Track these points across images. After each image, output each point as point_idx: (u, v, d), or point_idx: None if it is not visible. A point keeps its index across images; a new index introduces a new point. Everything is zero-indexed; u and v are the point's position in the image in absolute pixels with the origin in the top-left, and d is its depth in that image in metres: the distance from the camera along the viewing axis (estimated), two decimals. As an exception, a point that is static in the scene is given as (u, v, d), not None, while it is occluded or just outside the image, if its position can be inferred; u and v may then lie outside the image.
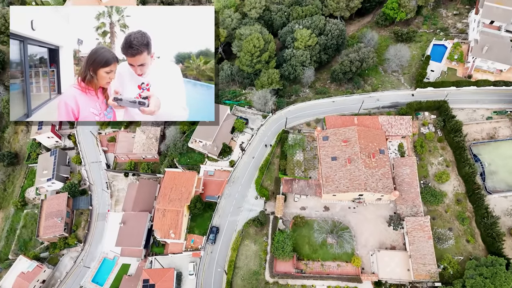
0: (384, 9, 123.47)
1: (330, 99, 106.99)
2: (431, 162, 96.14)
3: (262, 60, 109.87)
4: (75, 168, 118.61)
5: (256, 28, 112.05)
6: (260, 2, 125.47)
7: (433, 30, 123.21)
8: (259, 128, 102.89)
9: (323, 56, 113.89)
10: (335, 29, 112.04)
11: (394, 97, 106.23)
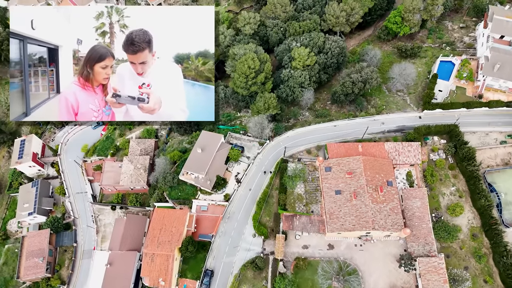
0: (387, 23, 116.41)
1: (331, 123, 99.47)
2: (442, 192, 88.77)
3: (257, 82, 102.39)
4: (59, 199, 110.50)
5: (251, 47, 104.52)
6: (255, 18, 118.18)
7: (438, 44, 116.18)
8: (256, 156, 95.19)
9: (322, 76, 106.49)
10: (335, 47, 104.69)
11: (400, 120, 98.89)
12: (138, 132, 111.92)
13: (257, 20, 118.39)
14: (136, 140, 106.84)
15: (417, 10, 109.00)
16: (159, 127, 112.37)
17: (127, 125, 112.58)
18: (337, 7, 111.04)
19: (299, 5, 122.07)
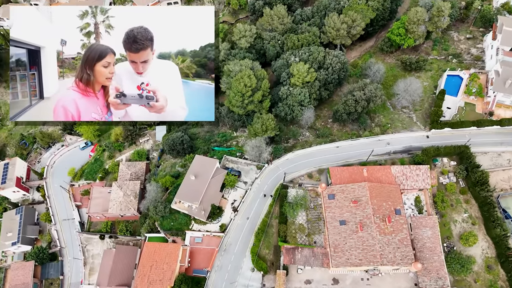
0: (390, 35, 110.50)
1: (333, 145, 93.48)
2: (454, 219, 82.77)
3: (254, 100, 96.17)
4: (45, 226, 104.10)
5: (247, 63, 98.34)
6: (251, 30, 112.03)
7: (444, 56, 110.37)
8: (254, 181, 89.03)
9: (323, 92, 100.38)
10: (336, 62, 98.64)
11: (407, 140, 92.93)
12: (128, 153, 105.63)
13: (253, 32, 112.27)
14: (126, 163, 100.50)
15: (422, 22, 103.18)
16: (150, 148, 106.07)
17: (116, 147, 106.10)
18: (337, 19, 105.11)
19: (297, 16, 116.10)
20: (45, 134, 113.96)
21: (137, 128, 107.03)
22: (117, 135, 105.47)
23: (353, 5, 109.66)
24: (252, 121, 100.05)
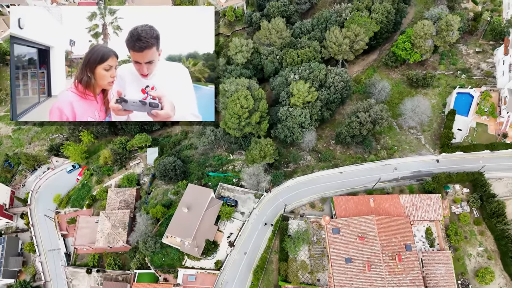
0: (394, 49, 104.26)
1: (337, 170, 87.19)
2: (468, 253, 76.67)
3: (252, 122, 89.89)
4: (29, 256, 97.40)
5: (243, 82, 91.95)
6: (248, 45, 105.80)
7: (452, 71, 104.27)
8: (252, 212, 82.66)
9: (325, 113, 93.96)
10: (338, 81, 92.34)
11: (415, 165, 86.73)
12: (117, 178, 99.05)
13: (250, 47, 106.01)
14: (115, 189, 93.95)
15: (429, 36, 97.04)
16: (141, 173, 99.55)
17: (105, 172, 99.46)
18: (339, 33, 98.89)
19: (296, 30, 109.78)
20: (30, 156, 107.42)
21: (127, 151, 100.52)
22: (105, 158, 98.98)
23: (356, 17, 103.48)
24: (249, 143, 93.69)
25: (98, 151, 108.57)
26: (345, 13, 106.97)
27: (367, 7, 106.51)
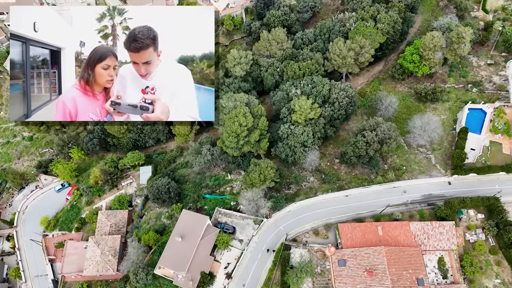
0: (402, 61, 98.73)
1: (342, 193, 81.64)
2: (484, 285, 70.97)
3: (251, 141, 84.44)
4: (15, 283, 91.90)
5: (242, 98, 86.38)
6: (247, 57, 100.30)
7: (463, 85, 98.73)
8: (251, 239, 77.06)
9: (329, 130, 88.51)
10: (343, 97, 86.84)
11: (426, 187, 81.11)
12: (109, 199, 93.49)
13: (249, 59, 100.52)
14: (105, 212, 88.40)
15: (439, 48, 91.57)
16: (133, 193, 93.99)
17: (95, 192, 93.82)
18: (343, 45, 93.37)
19: (298, 40, 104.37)
20: (17, 174, 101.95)
21: (119, 170, 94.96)
22: (96, 177, 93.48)
23: (361, 28, 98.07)
24: (248, 163, 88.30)
25: (89, 168, 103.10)
26: (349, 22, 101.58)
27: (372, 16, 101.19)
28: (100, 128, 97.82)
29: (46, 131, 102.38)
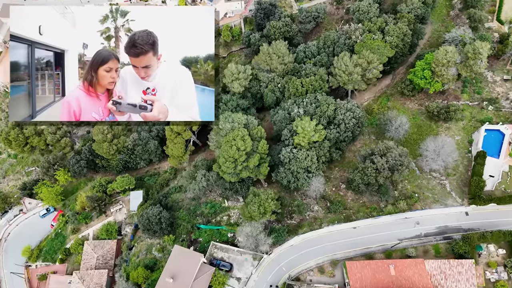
0: (412, 77, 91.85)
1: (349, 225, 74.88)
2: (508, 332, 64.47)
3: (249, 166, 77.74)
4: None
5: (240, 119, 79.56)
6: (245, 71, 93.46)
7: (478, 102, 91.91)
8: (249, 277, 70.26)
9: (334, 154, 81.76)
10: (349, 118, 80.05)
11: (441, 219, 74.35)
12: (96, 226, 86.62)
13: (248, 74, 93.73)
14: (92, 242, 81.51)
15: (453, 64, 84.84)
16: (123, 220, 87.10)
17: (81, 220, 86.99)
18: (349, 60, 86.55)
19: (300, 53, 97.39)
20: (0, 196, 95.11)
21: (107, 196, 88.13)
22: (82, 203, 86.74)
23: (367, 41, 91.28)
24: (247, 188, 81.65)
25: (77, 191, 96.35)
26: (355, 35, 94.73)
27: (380, 28, 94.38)
28: (88, 149, 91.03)
29: (30, 151, 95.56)
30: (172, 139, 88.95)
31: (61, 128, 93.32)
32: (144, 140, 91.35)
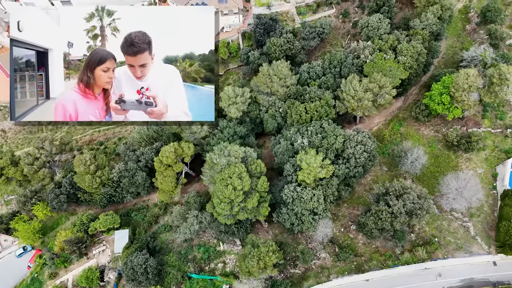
0: (428, 101, 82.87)
1: (361, 276, 65.93)
2: None
3: (247, 207, 68.83)
4: None
5: (237, 152, 70.44)
6: (244, 95, 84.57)
7: (501, 129, 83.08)
8: None
9: (343, 191, 72.81)
10: (360, 152, 71.05)
11: (465, 269, 65.48)
12: (77, 271, 77.51)
13: (247, 97, 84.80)
14: (70, 291, 72.71)
15: (475, 89, 76.00)
16: (107, 264, 77.96)
17: (59, 263, 77.86)
18: (359, 85, 77.52)
19: (304, 74, 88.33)
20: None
21: (89, 236, 79.11)
22: (61, 244, 77.73)
23: (378, 61, 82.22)
24: (245, 231, 72.85)
25: (57, 226, 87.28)
26: (364, 54, 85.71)
27: (392, 47, 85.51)
28: (68, 181, 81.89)
29: (6, 183, 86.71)
30: (162, 171, 79.76)
31: (39, 158, 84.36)
32: (131, 171, 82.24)
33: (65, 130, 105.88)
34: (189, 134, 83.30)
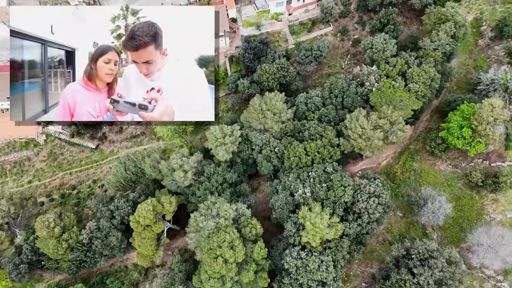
0: (445, 135, 72.02)
1: None
2: None
3: (242, 281, 57.11)
4: None
5: (228, 212, 58.50)
6: (233, 134, 72.59)
7: (528, 163, 72.83)
8: None
9: (355, 253, 61.45)
10: (374, 206, 59.69)
11: None
12: None
13: (237, 136, 72.90)
14: None
15: (501, 122, 65.35)
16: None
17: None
18: (366, 122, 66.25)
19: (301, 106, 76.84)
20: None
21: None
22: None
23: (386, 90, 71.16)
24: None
25: (24, 294, 74.89)
26: (369, 81, 74.71)
27: (401, 72, 74.73)
28: (30, 247, 69.18)
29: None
30: (140, 232, 67.58)
31: (-5, 220, 71.73)
32: (104, 231, 69.94)
33: (31, 174, 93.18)
34: (171, 182, 71.28)
